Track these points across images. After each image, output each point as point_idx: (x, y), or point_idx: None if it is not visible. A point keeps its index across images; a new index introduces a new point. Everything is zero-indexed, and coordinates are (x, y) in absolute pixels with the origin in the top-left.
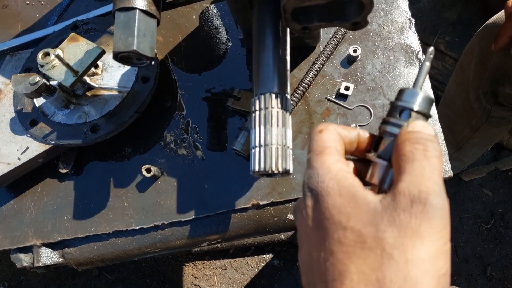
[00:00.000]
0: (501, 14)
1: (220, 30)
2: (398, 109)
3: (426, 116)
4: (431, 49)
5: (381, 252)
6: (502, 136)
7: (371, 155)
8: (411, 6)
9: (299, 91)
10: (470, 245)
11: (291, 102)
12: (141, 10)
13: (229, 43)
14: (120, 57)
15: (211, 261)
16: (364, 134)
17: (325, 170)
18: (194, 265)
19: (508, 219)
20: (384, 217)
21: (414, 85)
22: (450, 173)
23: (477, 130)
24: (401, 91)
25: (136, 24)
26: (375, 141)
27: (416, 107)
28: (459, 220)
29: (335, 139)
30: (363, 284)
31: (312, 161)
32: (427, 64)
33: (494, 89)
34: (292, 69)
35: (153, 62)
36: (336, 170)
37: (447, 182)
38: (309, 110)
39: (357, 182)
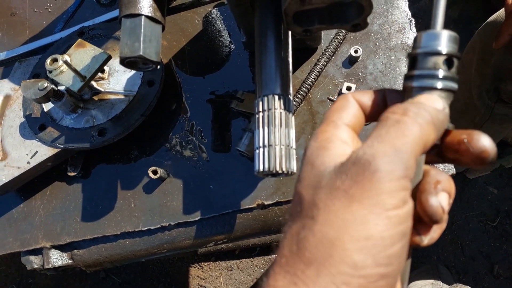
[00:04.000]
0: (501, 12)
1: (223, 34)
2: (420, 57)
3: (457, 57)
4: None
5: (310, 213)
6: (505, 133)
7: None
8: (412, 5)
9: (301, 92)
10: (476, 243)
11: (294, 103)
12: (146, 16)
13: (232, 46)
14: (127, 62)
15: (217, 262)
16: (391, 94)
17: (313, 138)
18: (200, 266)
19: None
20: (323, 180)
21: (432, 25)
22: (453, 171)
23: (481, 127)
24: (417, 37)
25: (142, 30)
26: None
27: (444, 49)
28: (465, 218)
29: (346, 106)
30: (287, 246)
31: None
32: None
33: (496, 87)
34: (294, 70)
35: (158, 67)
36: (321, 138)
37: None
38: (312, 111)
39: (334, 146)
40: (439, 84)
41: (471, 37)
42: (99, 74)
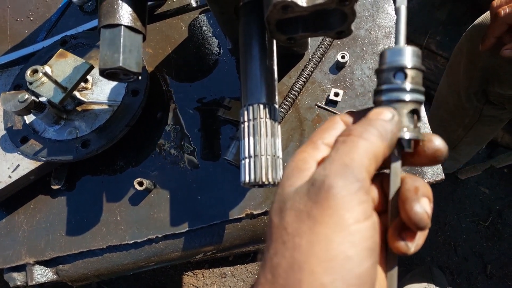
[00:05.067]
0: (487, 15)
1: (209, 40)
2: (386, 73)
3: (421, 70)
4: None
5: (280, 238)
6: (495, 134)
7: None
8: None
9: (289, 99)
10: (469, 243)
11: (282, 109)
12: (126, 26)
13: (219, 53)
14: (106, 73)
15: (210, 270)
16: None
17: (291, 158)
18: (194, 274)
19: (506, 216)
20: (288, 202)
21: (396, 40)
22: (442, 176)
23: (470, 129)
24: (383, 53)
25: (122, 41)
26: None
27: (409, 64)
28: (457, 219)
29: (331, 128)
30: (263, 274)
31: None
32: (403, 7)
33: (484, 89)
34: (281, 77)
35: (140, 77)
36: (298, 158)
37: (444, 181)
38: (300, 117)
39: (308, 167)
40: (407, 97)
41: (459, 39)
42: (83, 84)
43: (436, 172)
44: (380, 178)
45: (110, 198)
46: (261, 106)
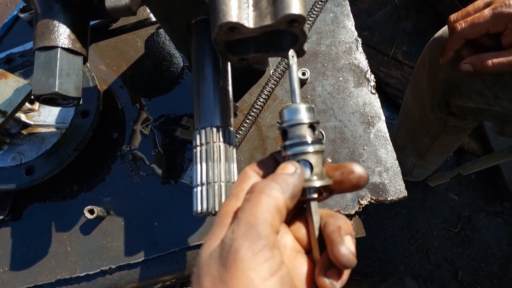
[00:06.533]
0: (447, 28)
1: (166, 57)
2: (288, 130)
3: (317, 123)
4: (290, 51)
5: None
6: (460, 142)
7: None
8: (368, 18)
9: (250, 117)
10: (441, 250)
11: (243, 128)
12: (63, 48)
13: (177, 70)
14: (42, 99)
15: None
16: (279, 155)
17: (217, 213)
18: None
19: (474, 221)
20: (203, 268)
21: (292, 99)
22: (404, 193)
23: (436, 139)
24: (282, 112)
25: (58, 64)
26: None
27: (306, 120)
28: (428, 226)
29: (245, 178)
30: None
31: None
32: (294, 67)
33: (446, 100)
34: (242, 94)
35: (80, 102)
36: (222, 213)
37: (415, 189)
38: (262, 136)
39: (229, 221)
40: (310, 148)
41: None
42: (29, 105)
43: (399, 190)
44: (305, 217)
45: (60, 227)
46: (214, 130)
